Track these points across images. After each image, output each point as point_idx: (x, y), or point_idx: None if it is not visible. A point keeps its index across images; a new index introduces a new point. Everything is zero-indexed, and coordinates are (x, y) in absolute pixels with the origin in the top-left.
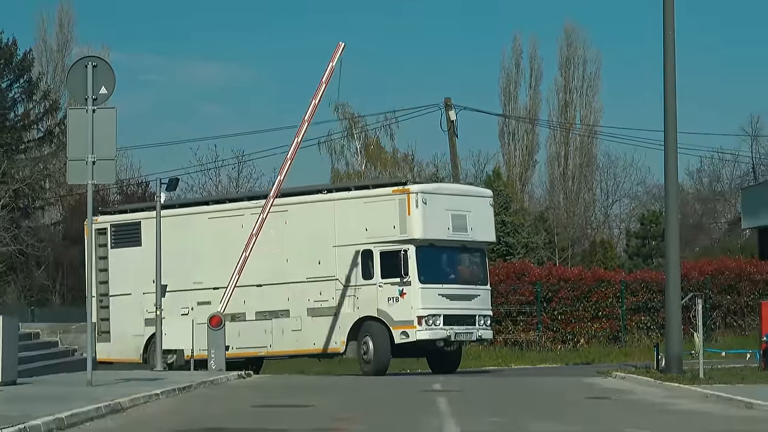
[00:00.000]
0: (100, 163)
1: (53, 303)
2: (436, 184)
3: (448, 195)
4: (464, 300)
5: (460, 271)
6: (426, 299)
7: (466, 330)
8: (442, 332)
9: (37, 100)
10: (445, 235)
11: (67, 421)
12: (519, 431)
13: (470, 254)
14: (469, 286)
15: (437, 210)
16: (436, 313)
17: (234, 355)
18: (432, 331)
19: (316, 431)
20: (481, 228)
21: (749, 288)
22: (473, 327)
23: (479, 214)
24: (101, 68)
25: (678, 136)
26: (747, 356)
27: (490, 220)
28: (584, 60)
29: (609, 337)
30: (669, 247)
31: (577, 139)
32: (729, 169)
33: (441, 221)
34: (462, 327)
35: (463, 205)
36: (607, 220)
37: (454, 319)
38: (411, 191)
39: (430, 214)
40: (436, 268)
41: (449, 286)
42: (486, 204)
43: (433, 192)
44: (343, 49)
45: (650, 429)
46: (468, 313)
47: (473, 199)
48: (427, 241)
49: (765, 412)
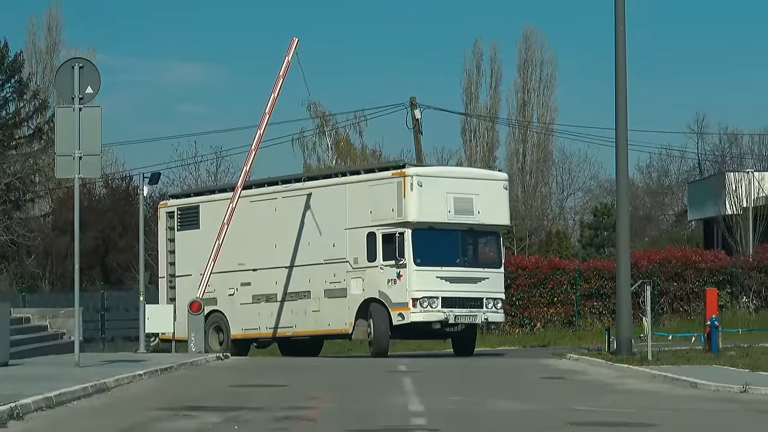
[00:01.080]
0: (86, 159)
1: (43, 289)
2: (436, 167)
3: (450, 178)
4: (469, 282)
5: (466, 253)
6: (421, 282)
7: (470, 313)
8: (438, 314)
9: (27, 99)
10: (446, 218)
11: (56, 400)
12: (478, 408)
13: (479, 237)
14: (476, 269)
15: (436, 193)
16: (432, 296)
17: (264, 334)
18: (427, 313)
19: (289, 409)
20: (491, 211)
21: (694, 276)
22: (479, 310)
23: (489, 197)
24: (87, 69)
25: (628, 133)
26: (692, 339)
27: (503, 204)
28: (541, 62)
29: (564, 321)
30: (620, 237)
31: (535, 137)
32: (676, 165)
33: (440, 204)
34: (465, 310)
35: (469, 188)
36: (562, 212)
37: (454, 302)
38: (406, 174)
39: (428, 197)
40: (434, 251)
41: (450, 269)
42: (498, 187)
43: (431, 175)
44: (296, 45)
45: (600, 407)
46: (473, 296)
47: (482, 183)
48: (425, 223)
49: (709, 391)
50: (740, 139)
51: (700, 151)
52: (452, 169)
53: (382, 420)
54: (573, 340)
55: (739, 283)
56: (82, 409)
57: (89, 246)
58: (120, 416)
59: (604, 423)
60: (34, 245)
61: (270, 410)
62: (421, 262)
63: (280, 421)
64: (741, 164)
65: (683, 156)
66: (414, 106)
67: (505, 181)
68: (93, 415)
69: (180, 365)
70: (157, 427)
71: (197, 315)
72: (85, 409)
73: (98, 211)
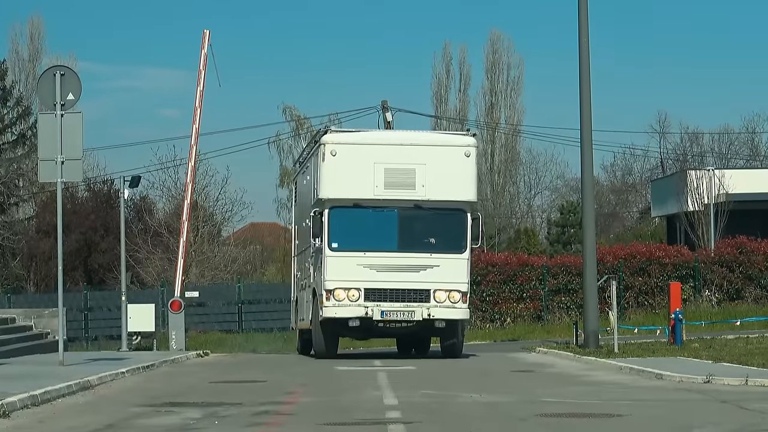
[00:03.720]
0: (68, 163)
1: (28, 290)
2: (361, 133)
3: (378, 145)
4: (408, 271)
5: (408, 237)
6: (337, 270)
7: (407, 308)
8: (357, 309)
9: (10, 106)
10: (372, 194)
11: (41, 398)
12: (450, 401)
13: (430, 217)
14: (420, 255)
15: (358, 164)
16: (349, 286)
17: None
18: (342, 308)
19: (268, 404)
20: (445, 184)
21: (658, 270)
22: (421, 304)
23: (443, 167)
24: (68, 76)
25: (593, 133)
26: (657, 332)
27: (465, 175)
28: (508, 65)
29: (533, 316)
30: (586, 234)
31: (503, 138)
32: (639, 163)
33: (365, 177)
34: (400, 304)
35: (409, 157)
36: (530, 210)
37: (383, 294)
38: (320, 142)
39: (346, 169)
40: (359, 234)
41: (378, 255)
42: (457, 155)
43: (350, 142)
44: (209, 36)
45: (568, 398)
46: (413, 287)
47: (429, 150)
48: (346, 201)
49: (673, 382)
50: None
51: (662, 150)
52: (383, 135)
53: (358, 413)
54: (542, 334)
55: (702, 277)
56: (67, 406)
57: (72, 248)
58: (103, 413)
59: (572, 414)
60: (19, 247)
61: (249, 405)
62: (339, 247)
63: (259, 415)
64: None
65: (646, 155)
66: (386, 109)
67: (467, 147)
68: (77, 412)
69: (161, 363)
70: (139, 423)
71: (178, 314)
72: (70, 407)
73: (81, 213)
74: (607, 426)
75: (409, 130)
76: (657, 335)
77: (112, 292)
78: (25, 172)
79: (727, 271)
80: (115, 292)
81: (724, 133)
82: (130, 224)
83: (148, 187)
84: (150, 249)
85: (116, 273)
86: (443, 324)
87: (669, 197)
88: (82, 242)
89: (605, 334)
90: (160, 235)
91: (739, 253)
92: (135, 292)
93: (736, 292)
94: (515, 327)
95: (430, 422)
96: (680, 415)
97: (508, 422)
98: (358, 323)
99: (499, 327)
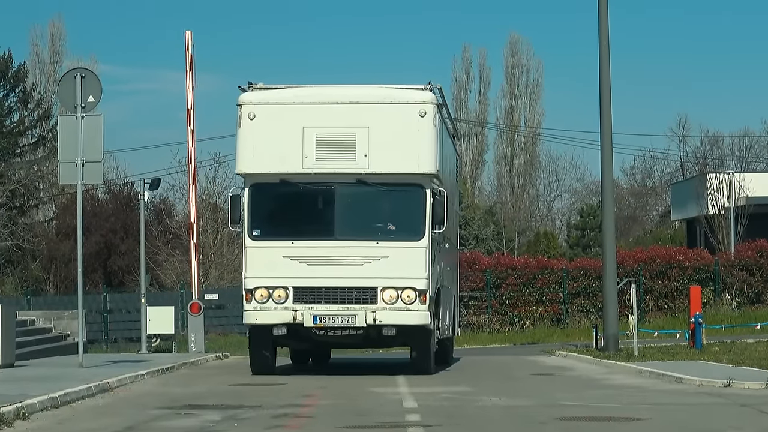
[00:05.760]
0: (88, 165)
1: (47, 293)
2: (285, 90)
3: (308, 105)
4: (349, 265)
5: (348, 220)
6: (259, 264)
7: (347, 311)
8: (283, 314)
9: (31, 108)
10: (301, 167)
11: (60, 400)
12: (470, 404)
13: (377, 194)
14: (364, 243)
15: (285, 128)
16: (274, 285)
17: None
18: (264, 312)
19: (287, 406)
20: (395, 153)
21: (678, 274)
22: (366, 306)
23: (390, 131)
24: (89, 79)
25: (613, 136)
26: (677, 336)
27: (421, 140)
28: (528, 68)
29: (552, 319)
30: (605, 237)
31: (522, 140)
32: (659, 167)
33: (291, 145)
34: (338, 306)
35: (348, 119)
36: (549, 213)
37: (318, 294)
38: (239, 102)
39: (269, 136)
40: (285, 218)
41: (311, 244)
42: (408, 114)
43: (273, 102)
44: (191, 36)
45: (588, 402)
46: (354, 285)
47: (373, 109)
48: (268, 176)
49: (693, 386)
50: (721, 142)
51: (682, 153)
52: (315, 91)
53: (377, 416)
54: (561, 337)
55: (722, 280)
56: (86, 408)
57: (92, 250)
58: (123, 415)
59: (592, 417)
60: (39, 250)
61: (268, 408)
62: (261, 235)
63: (278, 418)
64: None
65: (666, 158)
66: None
67: (421, 104)
68: (97, 414)
69: (181, 365)
70: (158, 425)
71: (197, 316)
72: (89, 409)
73: (101, 216)
74: (627, 430)
75: (349, 85)
76: (677, 339)
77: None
78: (45, 174)
79: (748, 275)
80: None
81: (744, 136)
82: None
83: (168, 190)
84: (169, 251)
85: (136, 275)
86: (393, 331)
87: (689, 200)
88: (102, 244)
89: (625, 337)
90: (179, 237)
91: (760, 256)
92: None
93: (757, 295)
94: (535, 330)
95: (450, 425)
96: (700, 419)
97: (528, 425)
98: (285, 331)
99: (519, 330)
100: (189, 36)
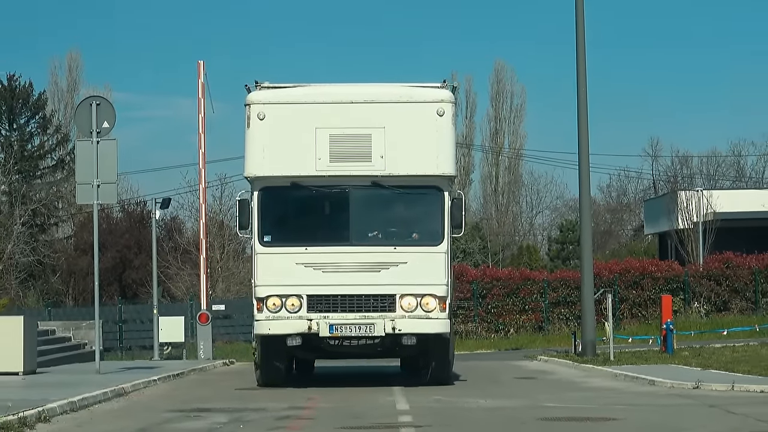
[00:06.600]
0: (104, 187)
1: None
2: (297, 89)
3: (322, 104)
4: (365, 271)
5: (363, 224)
6: (271, 271)
7: (365, 320)
8: (298, 324)
9: (50, 134)
10: (314, 170)
11: (79, 404)
12: (458, 406)
13: (393, 197)
14: (381, 249)
15: (297, 129)
16: (288, 293)
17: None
18: (277, 321)
19: (289, 409)
20: (412, 154)
21: (651, 284)
22: (385, 314)
23: (407, 131)
24: (104, 106)
25: (590, 157)
26: (650, 341)
27: (439, 140)
28: (512, 94)
29: (534, 326)
30: (583, 250)
31: (506, 161)
32: (633, 185)
33: (304, 147)
34: (355, 315)
35: (363, 119)
36: (531, 228)
37: (333, 302)
38: (247, 102)
39: (280, 137)
40: (298, 222)
41: (325, 250)
42: (426, 113)
43: (284, 101)
44: (204, 67)
45: (568, 403)
46: (372, 292)
47: (389, 109)
48: (280, 179)
49: (665, 388)
50: (690, 161)
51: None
52: (328, 90)
53: (372, 418)
54: (543, 343)
55: (691, 290)
56: (103, 411)
57: (108, 265)
58: (137, 417)
59: (571, 418)
60: (59, 265)
61: (271, 410)
62: (272, 241)
63: (281, 420)
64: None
65: (640, 177)
66: None
67: (440, 103)
68: (113, 417)
69: (190, 371)
70: (170, 427)
71: (205, 326)
72: (106, 412)
73: (116, 233)
74: (603, 429)
75: (364, 83)
76: (650, 344)
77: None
78: (64, 194)
79: (715, 285)
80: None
81: (712, 156)
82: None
83: (178, 209)
84: (179, 265)
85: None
86: (413, 340)
87: (661, 216)
88: (117, 259)
89: (602, 343)
90: (189, 252)
91: (726, 267)
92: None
93: (723, 304)
94: (518, 337)
95: (440, 426)
96: (671, 419)
97: (512, 425)
98: (300, 341)
99: (503, 337)
100: (201, 65)
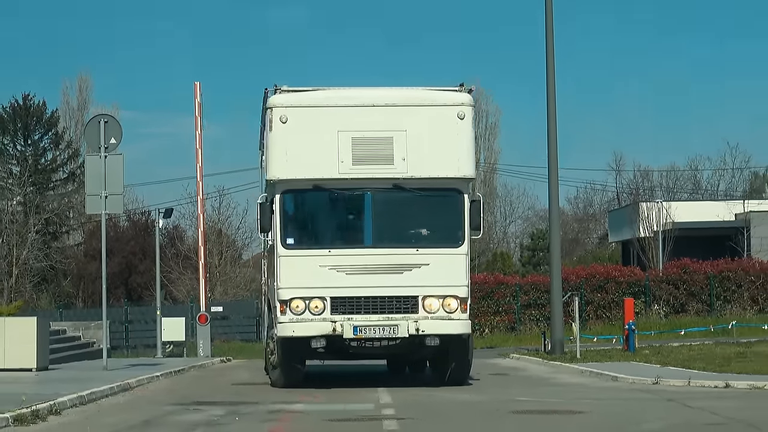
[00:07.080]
0: (111, 198)
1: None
2: (319, 93)
3: (345, 107)
4: (388, 273)
5: (385, 227)
6: (294, 274)
7: (388, 321)
8: (322, 325)
9: (62, 149)
10: (337, 173)
11: (87, 398)
12: (436, 400)
13: (415, 199)
14: (404, 250)
15: (319, 132)
16: (311, 295)
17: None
18: (301, 324)
19: (281, 403)
20: (433, 156)
21: (614, 288)
22: (408, 315)
23: (428, 133)
24: (111, 124)
25: (559, 170)
26: (613, 340)
27: (459, 143)
28: (486, 113)
29: (507, 327)
30: (552, 256)
31: (482, 174)
32: (599, 196)
33: (327, 150)
34: (379, 317)
35: (385, 122)
36: (505, 236)
37: (357, 304)
38: (268, 105)
39: (302, 140)
40: (321, 225)
41: (348, 252)
42: (447, 116)
43: (306, 105)
44: (200, 87)
45: (537, 397)
46: (395, 294)
47: (411, 112)
48: (302, 182)
49: (627, 383)
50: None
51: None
52: (350, 93)
53: (359, 411)
54: (515, 342)
55: (651, 293)
56: (110, 405)
57: (115, 269)
58: (141, 411)
59: (541, 411)
60: (69, 269)
61: (265, 404)
62: (295, 244)
63: (274, 413)
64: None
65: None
66: None
67: (460, 106)
68: (118, 410)
69: (190, 368)
70: (171, 419)
71: (205, 326)
72: (112, 405)
73: (122, 240)
74: (570, 421)
75: (385, 87)
76: (613, 343)
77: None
78: (75, 205)
79: (673, 288)
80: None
81: (671, 170)
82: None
83: (180, 218)
84: (181, 270)
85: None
86: (436, 341)
87: (624, 225)
88: (124, 265)
89: (569, 342)
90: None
91: (684, 273)
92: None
93: (681, 306)
94: (492, 336)
95: (420, 418)
96: (633, 412)
97: (487, 417)
98: (324, 343)
99: (479, 336)
100: (198, 86)
